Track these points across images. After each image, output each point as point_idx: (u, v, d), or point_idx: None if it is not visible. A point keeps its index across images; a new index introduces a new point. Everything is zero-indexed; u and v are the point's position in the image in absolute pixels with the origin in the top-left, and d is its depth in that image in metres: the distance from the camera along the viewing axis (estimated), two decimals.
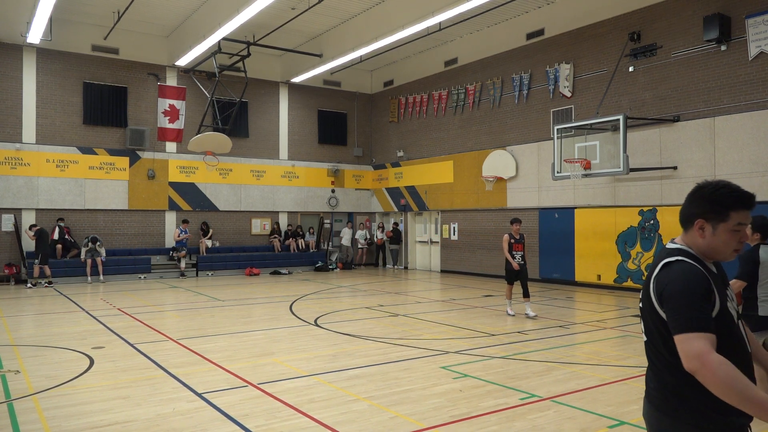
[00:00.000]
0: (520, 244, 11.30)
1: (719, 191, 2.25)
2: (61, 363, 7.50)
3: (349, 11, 17.60)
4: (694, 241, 2.32)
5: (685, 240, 2.37)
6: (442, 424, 5.17)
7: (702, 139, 13.55)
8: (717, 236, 2.27)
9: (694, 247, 2.32)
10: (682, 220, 2.40)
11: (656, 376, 2.32)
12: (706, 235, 2.28)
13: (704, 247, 2.30)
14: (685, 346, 2.07)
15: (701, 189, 2.31)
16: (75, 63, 18.79)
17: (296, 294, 14.88)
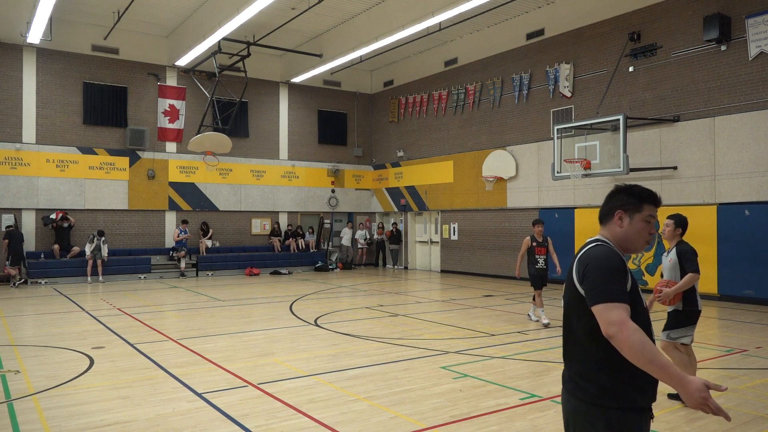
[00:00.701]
0: (543, 247, 10.36)
1: (635, 187, 2.59)
2: (61, 363, 7.50)
3: (349, 11, 17.60)
4: (612, 232, 2.58)
5: (603, 234, 2.61)
6: (442, 424, 5.17)
7: (702, 139, 13.56)
8: (633, 225, 2.54)
9: (611, 239, 2.56)
10: (602, 215, 2.64)
11: (572, 364, 2.47)
12: (624, 224, 2.55)
13: (621, 237, 2.55)
14: (605, 314, 2.25)
15: (619, 187, 2.65)
16: (75, 63, 18.79)
17: (296, 294, 14.88)
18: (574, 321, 2.46)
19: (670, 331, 5.78)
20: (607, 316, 2.25)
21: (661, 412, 5.48)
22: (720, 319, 11.04)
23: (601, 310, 2.27)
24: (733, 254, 12.86)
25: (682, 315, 5.72)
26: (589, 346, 2.39)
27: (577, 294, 2.41)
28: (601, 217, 2.66)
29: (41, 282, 17.29)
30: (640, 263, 14.59)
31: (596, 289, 2.31)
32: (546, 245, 10.41)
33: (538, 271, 10.35)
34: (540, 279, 10.35)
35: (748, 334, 9.43)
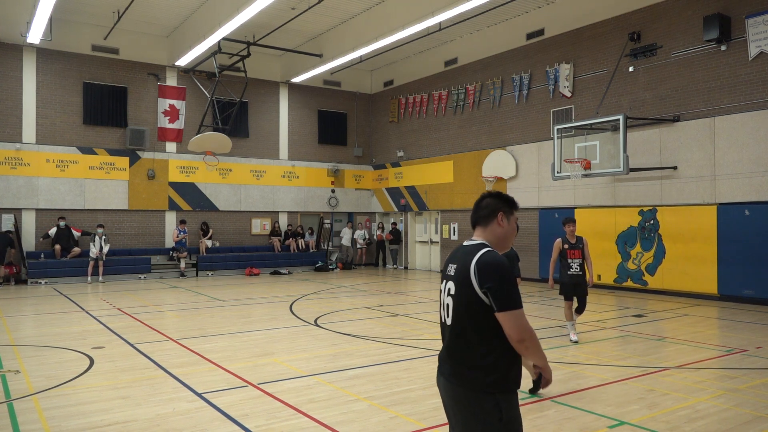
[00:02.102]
0: (578, 249, 8.71)
1: (504, 194, 2.95)
2: (61, 363, 7.50)
3: (349, 11, 17.60)
4: (493, 232, 2.87)
5: (483, 236, 2.88)
6: (443, 424, 5.17)
7: (702, 139, 13.56)
8: (510, 225, 2.90)
9: (491, 240, 2.84)
10: (483, 215, 2.89)
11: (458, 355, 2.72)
12: (504, 224, 2.87)
13: (501, 236, 2.87)
14: (516, 320, 2.58)
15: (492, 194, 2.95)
16: (75, 63, 18.79)
17: (296, 294, 14.88)
18: (465, 319, 2.68)
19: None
20: (519, 322, 2.59)
21: (661, 412, 5.49)
22: (720, 319, 11.05)
23: (511, 316, 2.58)
24: (733, 254, 12.86)
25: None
26: (478, 343, 2.66)
27: (476, 297, 2.64)
28: (483, 218, 2.90)
29: (41, 282, 17.29)
30: (640, 263, 14.59)
31: (504, 296, 2.59)
32: (581, 247, 8.73)
33: (571, 278, 8.67)
34: (573, 288, 8.71)
35: (748, 334, 9.43)
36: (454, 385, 2.72)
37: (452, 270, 2.78)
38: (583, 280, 8.71)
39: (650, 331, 9.64)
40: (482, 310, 2.63)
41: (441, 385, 2.84)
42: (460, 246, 2.89)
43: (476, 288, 2.63)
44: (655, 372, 6.99)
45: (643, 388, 6.25)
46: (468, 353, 2.68)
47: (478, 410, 2.64)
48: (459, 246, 2.92)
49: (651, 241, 14.40)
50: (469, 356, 2.68)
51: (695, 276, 13.54)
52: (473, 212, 2.96)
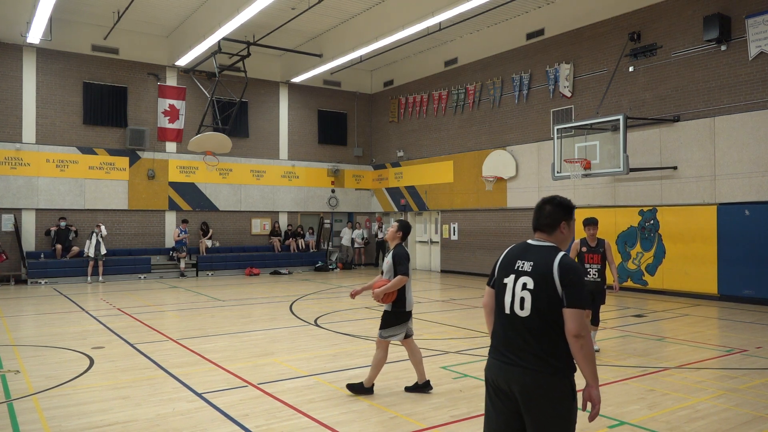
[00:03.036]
0: (597, 254, 7.99)
1: (564, 202, 3.21)
2: (61, 363, 7.50)
3: (349, 11, 17.60)
4: (557, 238, 3.18)
5: (547, 240, 3.19)
6: (442, 424, 5.17)
7: (702, 139, 13.56)
8: (570, 229, 3.23)
9: (557, 243, 3.17)
10: (547, 224, 3.20)
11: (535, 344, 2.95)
12: (566, 231, 3.20)
13: (562, 241, 3.20)
14: (579, 318, 2.89)
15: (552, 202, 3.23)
16: (75, 63, 18.79)
17: (296, 294, 14.88)
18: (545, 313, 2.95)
19: (382, 330, 6.07)
20: (582, 321, 2.90)
21: (661, 412, 5.49)
22: (720, 319, 11.05)
23: (577, 314, 2.90)
24: (733, 254, 12.86)
25: (391, 315, 6.05)
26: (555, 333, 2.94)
27: (556, 293, 2.93)
28: (544, 227, 3.22)
29: (41, 282, 17.29)
30: (641, 263, 14.59)
31: (576, 295, 2.92)
32: (601, 251, 7.98)
33: (588, 285, 7.82)
34: (590, 296, 7.81)
35: (748, 334, 9.43)
36: (532, 371, 2.94)
37: (526, 266, 3.07)
38: (601, 288, 7.97)
39: (650, 331, 9.64)
40: (558, 304, 2.94)
41: (507, 373, 3.02)
42: (526, 245, 3.20)
43: (557, 285, 2.93)
44: (655, 372, 6.99)
45: (643, 388, 6.25)
46: (545, 342, 2.94)
47: (552, 393, 2.90)
48: (524, 244, 3.23)
49: (651, 241, 14.40)
50: (547, 345, 2.94)
51: (695, 276, 13.54)
52: (536, 218, 3.25)
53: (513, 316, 3.04)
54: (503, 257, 3.25)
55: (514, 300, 3.05)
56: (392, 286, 5.90)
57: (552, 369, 2.91)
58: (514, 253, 3.20)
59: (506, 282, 3.11)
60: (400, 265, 5.92)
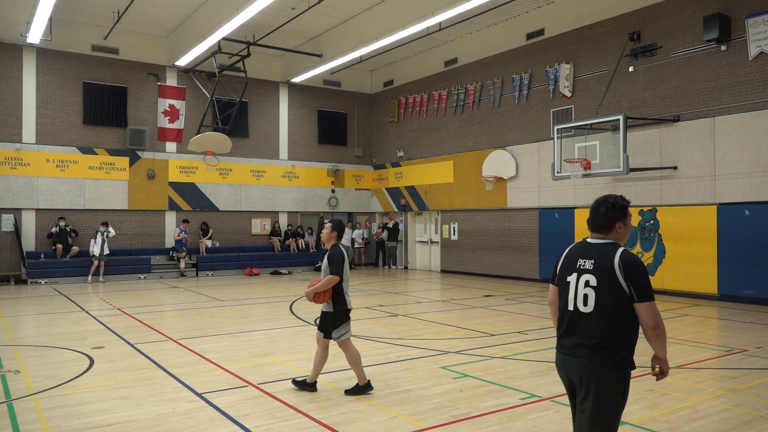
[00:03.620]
0: None
1: (618, 202, 3.33)
2: (61, 363, 7.50)
3: (349, 11, 17.60)
4: (613, 237, 3.33)
5: (607, 238, 3.34)
6: (442, 424, 5.17)
7: (702, 139, 13.56)
8: (626, 227, 3.36)
9: (616, 241, 3.32)
10: (603, 225, 3.33)
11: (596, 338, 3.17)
12: (621, 230, 3.33)
13: (618, 239, 3.33)
14: (653, 310, 3.11)
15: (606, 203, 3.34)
16: (75, 63, 18.79)
17: (296, 294, 14.88)
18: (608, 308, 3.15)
19: (333, 332, 6.07)
20: (655, 312, 3.12)
21: (661, 412, 5.49)
22: (720, 319, 11.05)
23: (650, 306, 3.10)
24: (733, 254, 12.86)
25: (336, 315, 6.05)
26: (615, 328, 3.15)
27: (620, 289, 3.12)
28: (600, 228, 3.34)
29: (41, 282, 17.30)
30: None
31: (644, 289, 3.10)
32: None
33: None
34: None
35: (748, 334, 9.43)
36: (590, 360, 3.17)
37: (588, 264, 3.25)
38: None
39: None
40: (622, 300, 3.12)
41: (568, 363, 3.29)
42: (586, 243, 3.36)
43: (622, 282, 3.11)
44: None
45: (643, 388, 6.26)
46: (607, 336, 3.15)
47: (607, 384, 3.14)
48: (583, 243, 3.38)
49: (651, 241, 14.41)
50: (608, 339, 3.15)
51: (695, 276, 13.54)
52: (592, 218, 3.38)
53: (576, 312, 3.26)
54: (564, 256, 3.44)
55: (577, 297, 3.26)
56: (322, 286, 5.94)
57: (611, 362, 3.13)
58: (574, 252, 3.38)
59: (569, 280, 3.32)
60: (332, 265, 5.98)
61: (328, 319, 6.11)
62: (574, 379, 3.26)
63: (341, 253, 6.05)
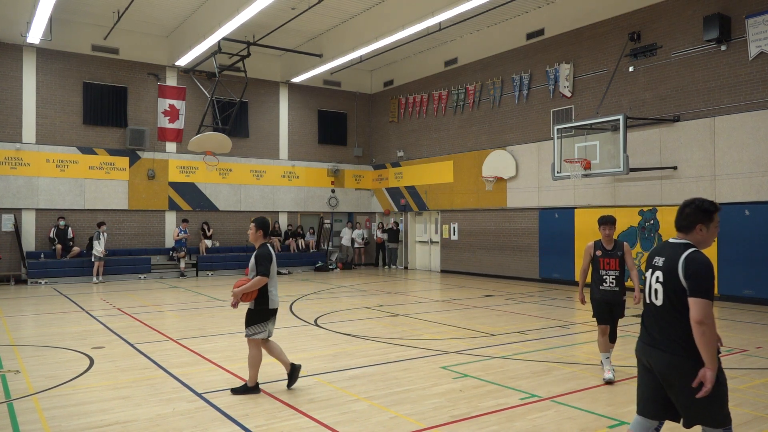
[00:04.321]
0: (614, 258, 6.74)
1: (704, 205, 3.47)
2: (61, 363, 7.50)
3: (349, 11, 17.60)
4: (694, 238, 3.50)
5: (686, 239, 3.52)
6: (442, 424, 5.17)
7: (702, 139, 13.56)
8: (709, 231, 3.49)
9: (694, 242, 3.48)
10: (685, 225, 3.51)
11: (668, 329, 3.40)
12: (702, 233, 3.48)
13: (700, 241, 3.49)
14: (703, 307, 3.24)
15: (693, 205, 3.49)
16: (75, 63, 18.79)
17: (296, 294, 14.88)
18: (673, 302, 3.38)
19: (246, 329, 6.10)
20: (706, 310, 3.24)
21: None
22: (720, 319, 11.04)
23: (701, 303, 3.24)
24: (733, 254, 12.86)
25: (253, 313, 6.08)
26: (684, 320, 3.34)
27: (680, 285, 3.34)
28: (683, 228, 3.53)
29: (41, 282, 17.30)
30: (640, 263, 14.58)
31: (698, 286, 3.27)
32: (620, 255, 6.76)
33: (603, 294, 6.74)
34: (607, 308, 6.73)
35: (748, 334, 9.43)
36: (667, 353, 3.39)
37: (660, 262, 3.51)
38: (619, 299, 6.73)
39: None
40: (684, 295, 3.33)
41: (648, 353, 3.51)
42: (666, 242, 3.59)
43: (681, 277, 3.33)
44: None
45: None
46: (678, 328, 3.36)
47: (689, 373, 3.29)
48: (665, 242, 3.61)
49: (651, 241, 14.41)
50: (679, 330, 3.35)
51: None
52: (677, 217, 3.56)
53: (651, 305, 3.55)
54: (649, 254, 3.71)
55: (650, 291, 3.55)
56: (250, 287, 5.94)
57: (687, 352, 3.31)
58: (655, 250, 3.66)
59: (647, 275, 3.63)
60: (259, 266, 5.96)
61: (247, 316, 6.14)
62: (654, 368, 3.48)
63: (268, 253, 6.05)
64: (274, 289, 6.13)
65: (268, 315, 6.09)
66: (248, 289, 5.94)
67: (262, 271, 5.93)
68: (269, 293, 6.06)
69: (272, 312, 6.12)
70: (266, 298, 6.05)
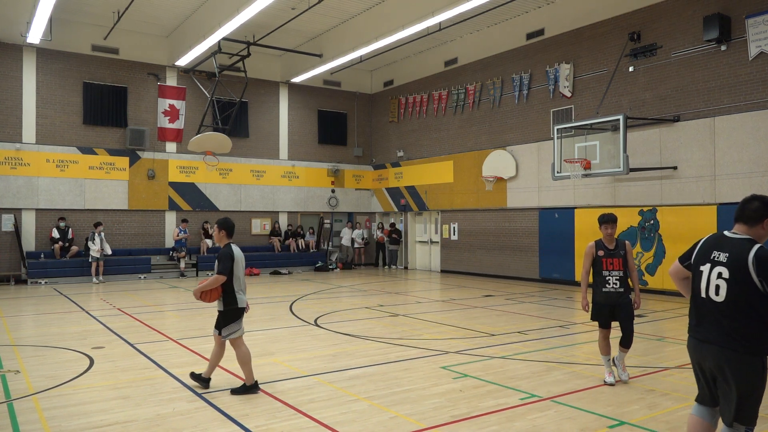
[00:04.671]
0: (617, 258, 6.45)
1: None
2: (61, 363, 7.50)
3: (349, 11, 17.60)
4: (756, 233, 3.52)
5: (746, 233, 3.54)
6: (442, 424, 5.17)
7: (702, 139, 13.56)
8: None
9: (755, 237, 3.50)
10: (750, 217, 3.52)
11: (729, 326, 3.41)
12: (766, 228, 3.50)
13: (761, 237, 3.52)
14: None
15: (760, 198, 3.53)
16: (75, 63, 18.79)
17: (296, 294, 14.88)
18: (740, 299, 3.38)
19: (222, 330, 6.17)
20: None
21: (661, 412, 5.49)
22: None
23: None
24: None
25: (225, 314, 6.17)
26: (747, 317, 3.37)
27: (752, 283, 3.34)
28: (747, 219, 3.53)
29: (41, 282, 17.30)
30: (640, 263, 14.58)
31: None
32: (622, 255, 6.48)
33: (606, 296, 6.45)
34: (609, 310, 6.47)
35: None
36: (726, 349, 3.41)
37: (722, 257, 3.48)
38: (625, 299, 6.44)
39: (650, 331, 9.64)
40: (754, 293, 3.34)
41: (701, 350, 3.56)
42: (722, 236, 3.58)
43: (753, 276, 3.33)
44: (655, 372, 6.99)
45: (643, 388, 6.25)
46: (737, 324, 3.39)
47: (746, 368, 3.36)
48: (719, 235, 3.61)
49: (651, 241, 14.40)
50: (738, 326, 3.38)
51: None
52: (740, 209, 3.56)
53: (708, 300, 3.52)
54: (700, 246, 3.67)
55: (709, 287, 3.51)
56: (207, 285, 6.02)
57: (743, 348, 3.36)
58: (710, 244, 3.61)
59: (702, 270, 3.58)
60: (219, 264, 6.06)
61: (219, 318, 6.22)
62: (705, 364, 3.54)
63: (230, 253, 6.11)
64: (242, 289, 6.24)
65: (238, 314, 6.18)
66: (205, 288, 6.01)
67: (219, 269, 6.02)
68: (236, 293, 6.14)
69: (242, 311, 6.22)
70: (233, 297, 6.12)
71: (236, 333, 6.17)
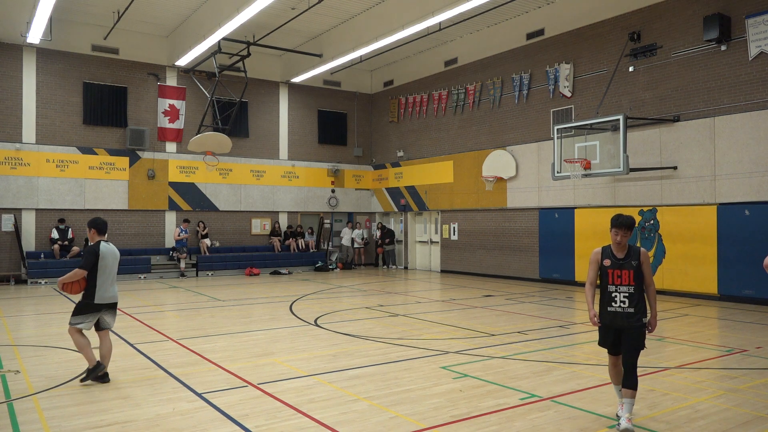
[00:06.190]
0: (627, 270, 5.06)
1: None
2: (61, 363, 7.50)
3: (349, 11, 17.60)
4: None
5: None
6: (442, 424, 5.17)
7: (702, 139, 13.56)
8: None
9: None
10: None
11: None
12: None
13: None
14: None
15: None
16: (75, 63, 18.79)
17: (296, 294, 14.88)
18: None
19: (71, 317, 6.57)
20: None
21: (661, 412, 5.49)
22: (720, 319, 11.05)
23: None
24: (733, 254, 12.86)
25: (79, 305, 6.57)
26: None
27: None
28: None
29: (41, 282, 17.29)
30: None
31: None
32: (634, 266, 5.08)
33: (613, 318, 5.13)
34: (615, 334, 5.17)
35: (748, 334, 9.43)
36: None
37: None
38: (635, 322, 5.03)
39: None
40: None
41: None
42: None
43: None
44: (655, 372, 6.99)
45: (643, 388, 6.25)
46: None
47: None
48: None
49: (651, 241, 14.41)
50: None
51: (695, 276, 13.54)
52: None
53: None
54: None
55: None
56: (67, 278, 6.40)
57: None
58: None
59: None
60: (82, 259, 6.50)
61: (75, 306, 6.59)
62: None
63: (95, 250, 6.47)
64: (106, 286, 6.54)
65: (90, 308, 6.50)
66: (65, 280, 6.41)
67: (81, 263, 6.43)
68: (96, 289, 6.46)
69: (96, 307, 6.51)
70: (93, 293, 6.46)
71: (81, 325, 6.49)
